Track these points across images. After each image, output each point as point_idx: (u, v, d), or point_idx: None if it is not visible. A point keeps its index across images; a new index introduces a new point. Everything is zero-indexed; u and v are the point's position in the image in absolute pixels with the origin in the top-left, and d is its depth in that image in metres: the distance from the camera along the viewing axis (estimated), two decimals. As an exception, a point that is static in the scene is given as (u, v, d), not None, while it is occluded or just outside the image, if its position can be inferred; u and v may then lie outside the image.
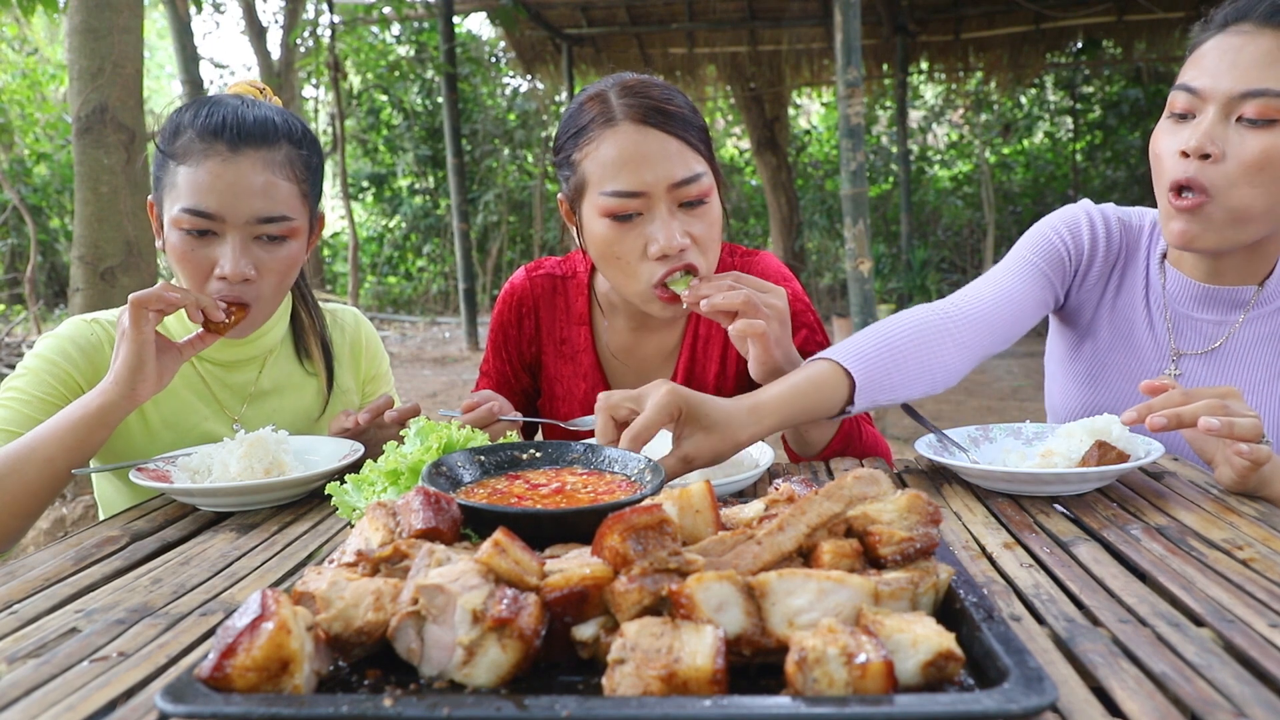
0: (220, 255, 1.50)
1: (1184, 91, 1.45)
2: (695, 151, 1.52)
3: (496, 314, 1.84)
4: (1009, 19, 10.72)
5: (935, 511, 0.80)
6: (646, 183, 1.47)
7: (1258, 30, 1.40)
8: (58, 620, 0.92)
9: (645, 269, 1.52)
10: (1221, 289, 1.57)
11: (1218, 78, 1.41)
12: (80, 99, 3.50)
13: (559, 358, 1.81)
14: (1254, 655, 0.74)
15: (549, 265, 1.84)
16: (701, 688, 0.62)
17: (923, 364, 1.45)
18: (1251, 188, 1.39)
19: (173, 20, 6.12)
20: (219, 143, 1.48)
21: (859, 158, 5.47)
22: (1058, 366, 1.81)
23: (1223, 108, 1.40)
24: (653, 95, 1.51)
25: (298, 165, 1.56)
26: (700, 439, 1.21)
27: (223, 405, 1.70)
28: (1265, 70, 1.38)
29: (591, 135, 1.51)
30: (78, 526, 3.48)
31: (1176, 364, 1.61)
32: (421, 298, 15.64)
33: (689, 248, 1.51)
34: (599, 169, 1.50)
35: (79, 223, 3.56)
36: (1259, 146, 1.38)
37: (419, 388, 8.31)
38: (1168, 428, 1.18)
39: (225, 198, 1.48)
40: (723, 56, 11.99)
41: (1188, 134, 1.43)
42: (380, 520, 0.84)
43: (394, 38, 14.21)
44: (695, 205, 1.52)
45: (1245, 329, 1.57)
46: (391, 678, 0.70)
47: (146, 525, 1.29)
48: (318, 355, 1.80)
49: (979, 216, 13.58)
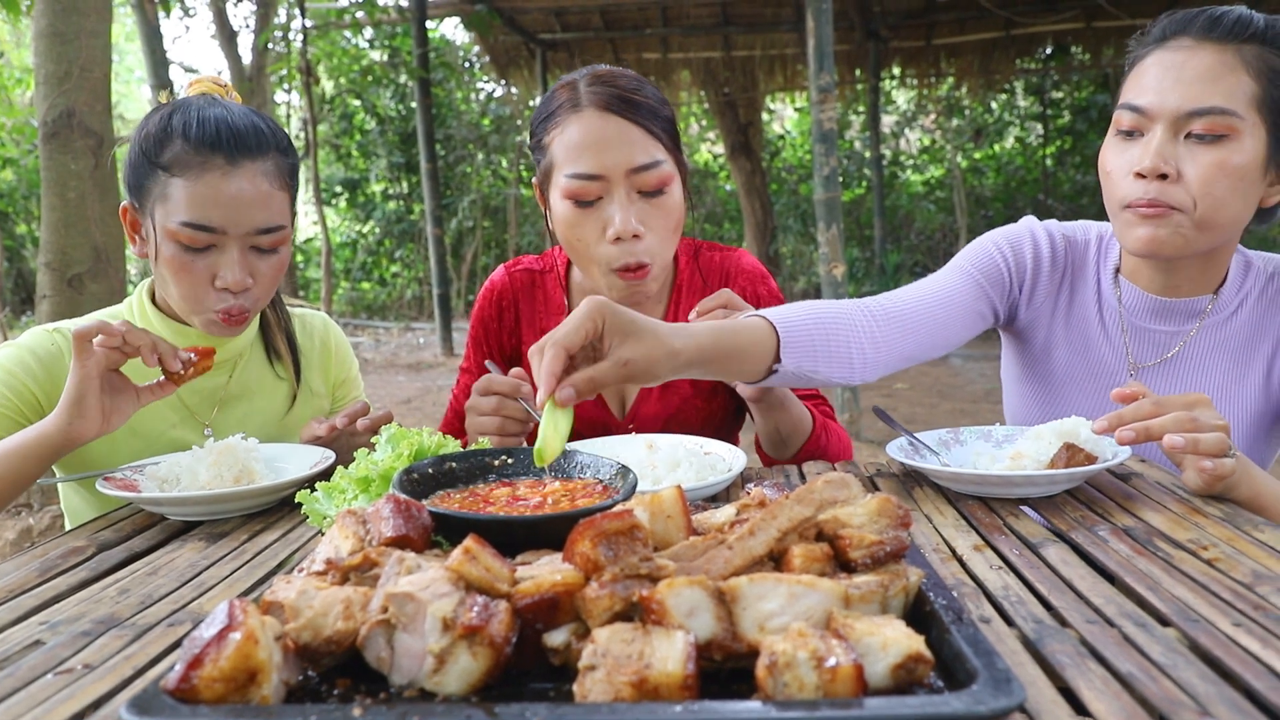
0: (220, 266, 1.51)
1: (1130, 110, 1.47)
2: (657, 141, 1.56)
3: (476, 310, 1.86)
4: (979, 25, 10.83)
5: (905, 515, 0.80)
6: (606, 166, 1.53)
7: (1197, 45, 1.42)
8: (21, 632, 0.90)
9: (603, 251, 1.57)
10: (1177, 301, 1.58)
11: (1163, 95, 1.42)
12: (47, 104, 3.45)
13: None
14: (1218, 654, 0.75)
15: (527, 261, 1.87)
16: (673, 693, 0.62)
17: (842, 349, 1.43)
18: (1212, 199, 1.41)
19: (141, 24, 6.06)
20: (216, 156, 1.48)
21: (832, 163, 5.51)
22: (1015, 383, 1.82)
23: (1171, 126, 1.42)
24: (619, 84, 1.56)
25: (285, 173, 1.58)
26: (633, 344, 1.15)
27: (193, 411, 1.69)
28: (1210, 86, 1.40)
29: (559, 119, 1.57)
30: (44, 537, 3.43)
31: (1135, 376, 1.63)
32: (396, 304, 15.55)
33: (644, 235, 1.55)
34: (563, 152, 1.56)
35: (46, 229, 3.51)
36: (1211, 162, 1.40)
37: (393, 394, 8.27)
38: (1136, 441, 1.19)
39: (227, 212, 1.49)
40: (696, 62, 12.02)
41: (1139, 153, 1.45)
42: (350, 528, 0.83)
43: (367, 42, 14.13)
44: (654, 194, 1.56)
45: (1200, 337, 1.59)
46: (361, 687, 0.69)
47: (114, 535, 1.27)
48: (285, 352, 1.79)
49: (951, 220, 13.69)
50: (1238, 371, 1.57)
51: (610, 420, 1.77)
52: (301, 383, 1.82)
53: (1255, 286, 1.57)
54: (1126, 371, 1.64)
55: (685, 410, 1.76)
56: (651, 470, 1.35)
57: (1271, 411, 1.58)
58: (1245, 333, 1.57)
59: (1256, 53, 1.40)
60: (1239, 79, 1.39)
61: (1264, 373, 1.56)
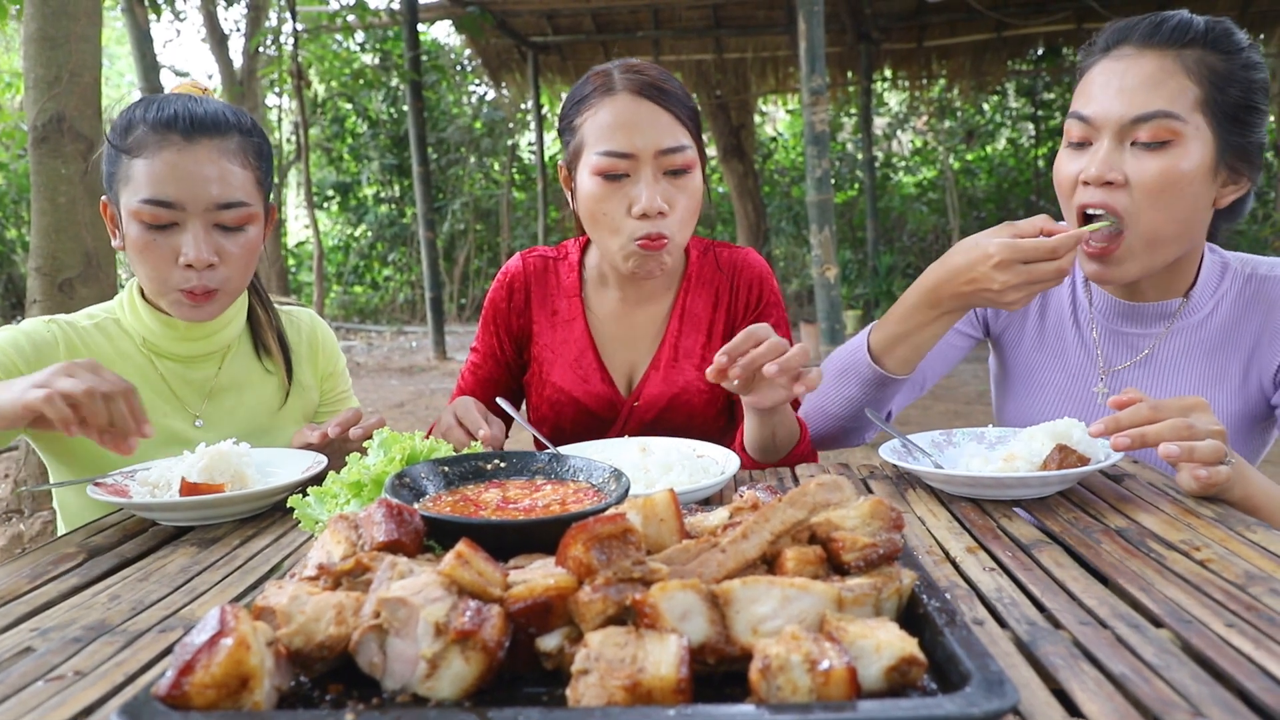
0: (182, 244, 1.54)
1: (1077, 120, 1.49)
2: (683, 127, 1.66)
3: (490, 294, 1.96)
4: (971, 27, 10.86)
5: (898, 517, 0.80)
6: (636, 146, 1.62)
7: (1139, 52, 1.45)
8: (12, 639, 0.90)
9: (628, 226, 1.65)
10: (1145, 305, 1.61)
11: (1108, 104, 1.45)
12: (37, 108, 3.44)
13: (550, 326, 1.90)
14: (1211, 655, 0.75)
15: (542, 249, 1.97)
16: (666, 697, 0.62)
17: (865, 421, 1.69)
18: (1157, 211, 1.43)
19: (132, 28, 6.04)
20: (173, 133, 1.53)
21: (824, 164, 5.52)
22: (998, 386, 1.87)
23: (1116, 134, 1.44)
24: (650, 74, 1.67)
25: (250, 153, 1.61)
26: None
27: (183, 401, 1.71)
28: (1152, 92, 1.41)
29: (592, 102, 1.67)
30: (35, 543, 3.41)
31: (1107, 379, 1.64)
32: (388, 307, 15.53)
33: (668, 213, 1.64)
34: (595, 131, 1.65)
35: (36, 234, 3.50)
36: (1157, 169, 1.41)
37: (385, 398, 8.25)
38: (1131, 448, 1.19)
39: (184, 186, 1.52)
40: (688, 64, 12.02)
41: (1086, 161, 1.47)
42: (342, 533, 0.83)
43: (358, 45, 14.11)
44: (679, 175, 1.65)
45: (1171, 339, 1.60)
46: (354, 692, 0.69)
47: (104, 541, 1.27)
48: (275, 350, 1.82)
49: (944, 222, 13.73)
50: (1214, 373, 1.57)
51: (616, 397, 1.83)
52: (292, 377, 1.85)
53: (1233, 288, 1.58)
54: (1099, 375, 1.65)
55: (689, 392, 1.81)
56: (644, 473, 1.35)
57: (1250, 413, 1.58)
58: (1222, 334, 1.57)
59: (1198, 56, 1.42)
60: (1181, 83, 1.41)
61: (1241, 374, 1.56)
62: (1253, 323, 1.55)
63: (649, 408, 1.81)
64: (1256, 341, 1.55)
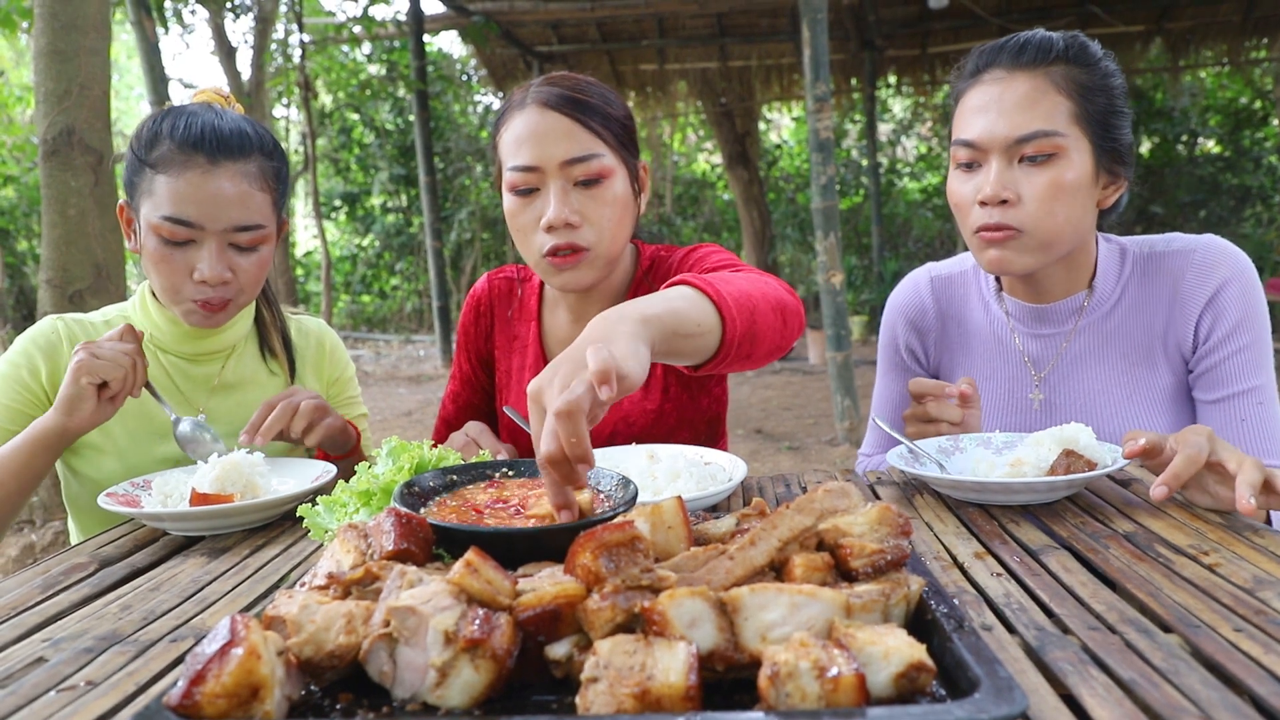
0: (197, 260, 1.58)
1: (964, 146, 1.56)
2: (596, 136, 1.60)
3: (460, 318, 1.96)
4: (974, 33, 10.85)
5: (906, 523, 0.80)
6: (540, 158, 1.58)
7: (1009, 74, 1.53)
8: (24, 650, 0.90)
9: (538, 239, 1.62)
10: (1053, 305, 1.66)
11: (991, 127, 1.52)
12: (47, 121, 3.46)
13: (509, 353, 1.88)
14: (1220, 660, 0.75)
15: (510, 270, 1.95)
16: (675, 704, 0.62)
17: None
18: (1052, 217, 1.51)
19: (141, 41, 6.07)
20: (198, 155, 1.56)
21: (829, 171, 5.52)
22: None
23: (1004, 154, 1.52)
24: (565, 84, 1.62)
25: (269, 175, 1.64)
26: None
27: (187, 397, 1.76)
28: (1030, 111, 1.49)
29: (507, 118, 1.65)
30: (47, 553, 3.42)
31: (1040, 385, 1.69)
32: (395, 316, 15.56)
33: (581, 224, 1.59)
34: (505, 147, 1.63)
35: (47, 246, 3.52)
36: (1045, 181, 1.49)
37: (394, 406, 8.27)
38: (1171, 493, 1.15)
39: (204, 208, 1.55)
40: (693, 72, 12.05)
41: (979, 182, 1.54)
42: (352, 542, 0.83)
43: (365, 56, 14.17)
44: (590, 185, 1.60)
45: (1086, 332, 1.65)
46: (364, 701, 0.69)
47: (115, 551, 1.27)
48: (280, 351, 1.86)
49: (949, 227, 13.71)
50: (1138, 354, 1.62)
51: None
52: (296, 379, 1.88)
53: (1135, 271, 1.64)
54: (1033, 382, 1.70)
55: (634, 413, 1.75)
56: (652, 481, 1.35)
57: (1181, 384, 1.63)
58: (1135, 316, 1.63)
59: (1064, 72, 1.51)
60: (1055, 100, 1.49)
61: (1162, 349, 1.61)
62: (1161, 298, 1.61)
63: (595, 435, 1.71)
64: (1169, 315, 1.60)
